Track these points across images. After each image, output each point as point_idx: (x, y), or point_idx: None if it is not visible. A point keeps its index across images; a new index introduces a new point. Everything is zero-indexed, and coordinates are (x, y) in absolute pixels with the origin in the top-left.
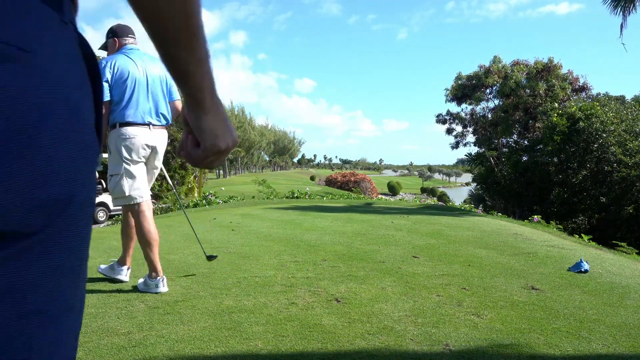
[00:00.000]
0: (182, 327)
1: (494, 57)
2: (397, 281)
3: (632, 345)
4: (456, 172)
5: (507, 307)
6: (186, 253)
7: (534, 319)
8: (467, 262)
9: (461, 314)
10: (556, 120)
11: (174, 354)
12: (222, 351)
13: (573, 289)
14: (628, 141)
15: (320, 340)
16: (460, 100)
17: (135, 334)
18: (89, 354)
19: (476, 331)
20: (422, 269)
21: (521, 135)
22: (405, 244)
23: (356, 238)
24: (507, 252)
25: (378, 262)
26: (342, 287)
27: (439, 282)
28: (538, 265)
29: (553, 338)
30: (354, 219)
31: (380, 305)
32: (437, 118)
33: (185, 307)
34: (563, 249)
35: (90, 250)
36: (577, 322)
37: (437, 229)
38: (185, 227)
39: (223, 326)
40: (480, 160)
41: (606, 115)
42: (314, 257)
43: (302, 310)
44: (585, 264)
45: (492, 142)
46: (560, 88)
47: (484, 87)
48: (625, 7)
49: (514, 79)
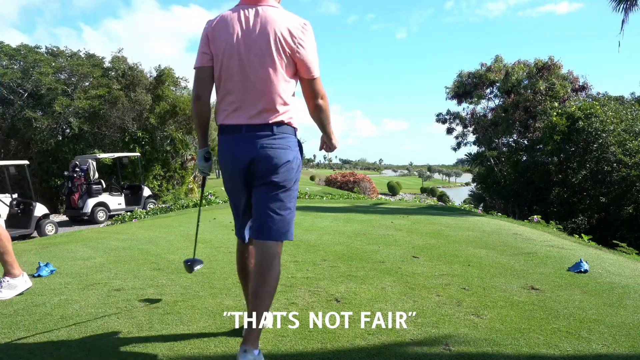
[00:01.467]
0: (182, 327)
1: (496, 56)
2: (397, 281)
3: (632, 345)
4: (456, 172)
5: (507, 307)
6: (186, 253)
7: (534, 319)
8: (467, 262)
9: (461, 314)
10: (556, 120)
11: (174, 354)
12: (222, 351)
13: (573, 289)
14: (628, 141)
15: (320, 340)
16: (461, 99)
17: (135, 334)
18: (89, 354)
19: (476, 331)
20: (422, 269)
21: (521, 135)
22: (405, 244)
23: (356, 238)
24: (507, 252)
25: (378, 262)
26: (342, 287)
27: (439, 282)
28: (538, 265)
29: (553, 338)
30: (353, 219)
31: (380, 305)
32: (437, 117)
33: (185, 307)
34: (563, 249)
35: (90, 250)
36: (577, 322)
37: (437, 229)
38: (185, 227)
39: (223, 326)
40: (480, 160)
41: (606, 115)
42: (313, 257)
43: (302, 310)
44: (585, 264)
45: (492, 142)
46: (561, 86)
47: (485, 85)
48: (628, 5)
49: (516, 76)
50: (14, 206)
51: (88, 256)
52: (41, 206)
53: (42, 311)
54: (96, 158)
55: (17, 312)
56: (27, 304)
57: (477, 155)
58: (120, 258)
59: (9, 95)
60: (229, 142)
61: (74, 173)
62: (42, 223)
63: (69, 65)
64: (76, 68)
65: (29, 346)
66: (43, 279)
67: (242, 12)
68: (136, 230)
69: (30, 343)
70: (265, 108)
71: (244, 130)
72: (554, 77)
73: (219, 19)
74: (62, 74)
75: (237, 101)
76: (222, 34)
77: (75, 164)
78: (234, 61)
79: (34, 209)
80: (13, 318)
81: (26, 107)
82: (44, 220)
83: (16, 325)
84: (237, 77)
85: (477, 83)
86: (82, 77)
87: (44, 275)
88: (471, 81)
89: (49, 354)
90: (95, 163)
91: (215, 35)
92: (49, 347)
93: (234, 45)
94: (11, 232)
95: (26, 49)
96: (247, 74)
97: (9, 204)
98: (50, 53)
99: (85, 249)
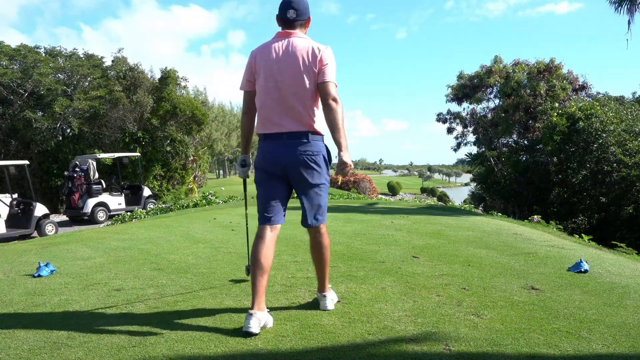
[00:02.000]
0: (182, 327)
1: (495, 57)
2: (397, 281)
3: (632, 345)
4: (456, 172)
5: (507, 307)
6: (186, 253)
7: (534, 319)
8: (467, 262)
9: (461, 314)
10: (556, 120)
11: (174, 354)
12: (222, 351)
13: (573, 289)
14: (628, 141)
15: (320, 340)
16: (461, 101)
17: (135, 334)
18: (88, 354)
19: (476, 331)
20: (422, 269)
21: (521, 135)
22: (405, 244)
23: (356, 238)
24: (507, 252)
25: (378, 262)
26: (342, 287)
27: (439, 282)
28: (538, 265)
29: (553, 338)
30: (353, 219)
31: (380, 305)
32: (437, 117)
33: (185, 307)
34: (563, 249)
35: (90, 250)
36: (577, 322)
37: (437, 229)
38: (185, 227)
39: (223, 326)
40: (480, 160)
41: (606, 115)
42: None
43: (302, 310)
44: (585, 264)
45: (492, 142)
46: (561, 88)
47: (485, 87)
48: (631, 5)
49: (515, 79)
50: (14, 206)
51: (88, 256)
52: (41, 206)
53: (42, 311)
54: (96, 158)
55: (17, 312)
56: (27, 304)
57: (477, 155)
58: (120, 258)
59: (9, 96)
60: (271, 147)
61: (74, 173)
62: (42, 223)
63: (68, 65)
64: (76, 69)
65: (29, 346)
66: (43, 279)
67: (277, 43)
68: (136, 230)
69: (30, 343)
70: (299, 120)
71: (285, 137)
72: (554, 78)
73: (259, 49)
74: (61, 75)
75: (277, 114)
76: (262, 62)
77: (75, 164)
78: (271, 83)
79: (34, 209)
80: (13, 318)
81: (26, 108)
82: (44, 220)
83: (16, 325)
84: (275, 95)
85: (477, 85)
86: (82, 78)
87: (44, 275)
88: (471, 83)
89: (49, 354)
90: (95, 163)
91: (256, 64)
92: (49, 347)
93: (271, 70)
94: (11, 232)
95: (26, 49)
96: (282, 93)
97: (9, 204)
98: (49, 53)
99: (85, 249)
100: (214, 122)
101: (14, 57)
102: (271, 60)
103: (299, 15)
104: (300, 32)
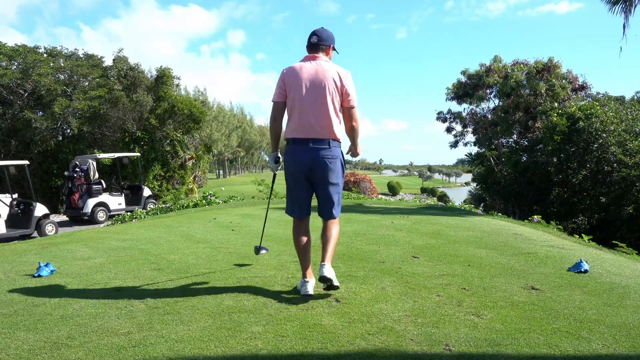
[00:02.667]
0: (182, 327)
1: (495, 56)
2: (397, 281)
3: (632, 345)
4: (456, 172)
5: (507, 307)
6: (186, 253)
7: (534, 319)
8: (467, 262)
9: (461, 314)
10: (556, 120)
11: (174, 354)
12: (222, 351)
13: (573, 289)
14: (628, 141)
15: (320, 340)
16: (461, 100)
17: (135, 334)
18: (88, 354)
19: (476, 331)
20: (422, 269)
21: (521, 135)
22: (405, 244)
23: (356, 238)
24: (507, 252)
25: (378, 262)
26: (342, 287)
27: (439, 282)
28: (538, 265)
29: (553, 338)
30: (354, 219)
31: (380, 305)
32: (437, 115)
33: (185, 307)
34: (563, 249)
35: (90, 250)
36: (577, 322)
37: (437, 229)
38: (185, 227)
39: (223, 326)
40: (481, 160)
41: (606, 115)
42: (313, 257)
43: (302, 310)
44: (585, 264)
45: (492, 142)
46: (561, 88)
47: (484, 87)
48: (626, 7)
49: (514, 79)
50: (14, 206)
51: (88, 256)
52: (41, 206)
53: (42, 311)
54: (96, 158)
55: (17, 312)
56: (27, 304)
57: (477, 156)
58: (120, 258)
59: (9, 96)
60: (297, 150)
61: (74, 173)
62: (42, 223)
63: (68, 65)
64: (75, 69)
65: (29, 346)
66: (43, 279)
67: (305, 64)
68: (136, 230)
69: (30, 343)
70: (323, 128)
71: (310, 143)
72: (553, 78)
73: (290, 68)
74: (61, 75)
75: (304, 123)
76: (292, 79)
77: (75, 164)
78: (299, 95)
79: (34, 209)
80: (13, 318)
81: (26, 108)
82: (44, 221)
83: (16, 325)
84: (303, 107)
85: (477, 84)
86: (82, 78)
87: (44, 275)
88: (471, 82)
89: (49, 354)
90: (95, 163)
91: (288, 80)
92: (49, 347)
93: (300, 86)
94: (11, 232)
95: (25, 49)
96: (310, 105)
97: (9, 204)
98: (50, 53)
99: (85, 249)
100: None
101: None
102: (300, 78)
103: (320, 41)
104: (324, 56)
